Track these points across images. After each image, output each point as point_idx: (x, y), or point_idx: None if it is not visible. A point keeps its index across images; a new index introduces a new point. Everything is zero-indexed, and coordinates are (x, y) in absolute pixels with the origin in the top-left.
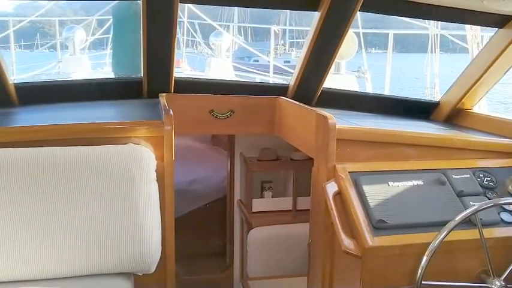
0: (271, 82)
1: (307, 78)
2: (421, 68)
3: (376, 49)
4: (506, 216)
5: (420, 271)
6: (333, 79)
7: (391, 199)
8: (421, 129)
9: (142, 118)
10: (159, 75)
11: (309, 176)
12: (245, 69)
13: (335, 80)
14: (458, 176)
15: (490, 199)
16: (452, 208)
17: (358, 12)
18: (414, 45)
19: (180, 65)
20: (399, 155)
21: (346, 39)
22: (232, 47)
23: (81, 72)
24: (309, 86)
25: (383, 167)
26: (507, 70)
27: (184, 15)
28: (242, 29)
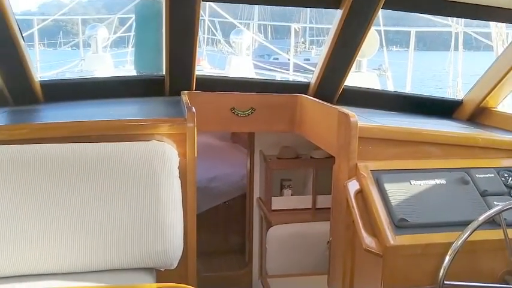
0: (291, 80)
1: (328, 76)
2: (443, 66)
3: (397, 47)
4: None
5: (442, 271)
6: (354, 77)
7: (413, 198)
8: (443, 128)
9: (165, 115)
10: (181, 73)
11: (328, 174)
12: (265, 67)
13: (356, 78)
14: (482, 175)
15: None
16: (475, 208)
17: (380, 10)
18: (436, 43)
19: (200, 63)
20: (422, 153)
21: (368, 37)
22: (253, 45)
23: (103, 70)
24: (330, 84)
25: (405, 165)
26: None
27: (205, 13)
28: (262, 27)
